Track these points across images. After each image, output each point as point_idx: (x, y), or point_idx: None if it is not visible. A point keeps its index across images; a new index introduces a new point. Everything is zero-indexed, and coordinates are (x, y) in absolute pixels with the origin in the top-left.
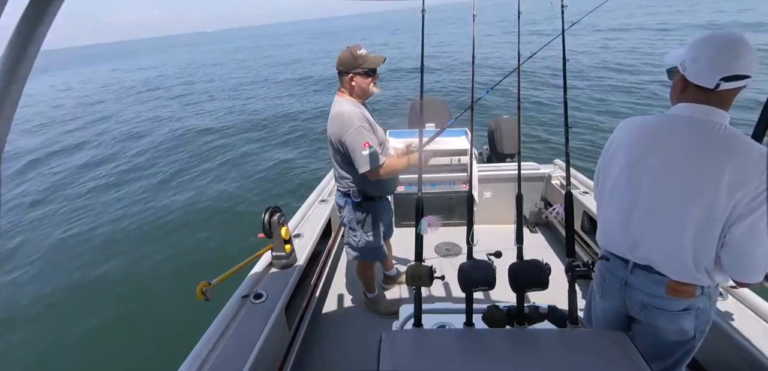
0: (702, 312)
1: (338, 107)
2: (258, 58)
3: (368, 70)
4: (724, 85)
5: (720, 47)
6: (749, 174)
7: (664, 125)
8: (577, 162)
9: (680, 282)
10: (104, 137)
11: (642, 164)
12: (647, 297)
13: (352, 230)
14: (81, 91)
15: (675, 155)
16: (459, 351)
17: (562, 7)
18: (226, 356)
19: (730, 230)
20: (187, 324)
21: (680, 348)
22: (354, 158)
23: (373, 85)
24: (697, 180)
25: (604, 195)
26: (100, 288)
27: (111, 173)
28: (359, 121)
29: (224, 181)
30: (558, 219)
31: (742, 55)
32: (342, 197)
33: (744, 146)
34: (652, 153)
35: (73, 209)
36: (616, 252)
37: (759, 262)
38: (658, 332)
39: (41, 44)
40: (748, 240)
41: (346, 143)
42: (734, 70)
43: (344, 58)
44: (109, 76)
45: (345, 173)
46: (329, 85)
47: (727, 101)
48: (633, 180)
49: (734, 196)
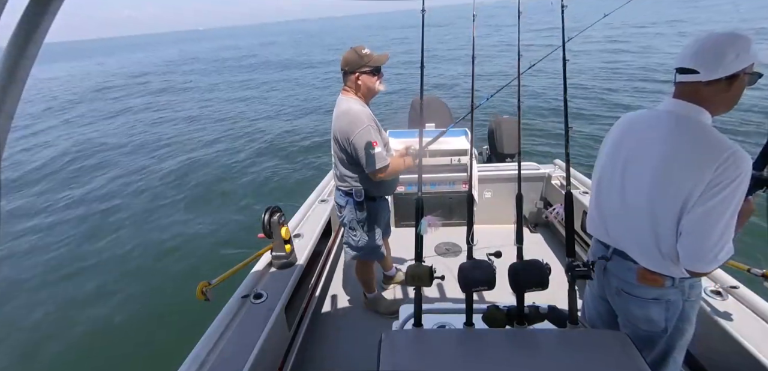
0: (672, 304)
1: (345, 105)
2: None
3: (374, 69)
4: (678, 77)
5: (691, 41)
6: (705, 165)
7: (647, 118)
8: (577, 162)
9: (648, 269)
10: (102, 134)
11: (620, 154)
12: (621, 283)
13: (352, 230)
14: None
15: (648, 146)
16: (459, 351)
17: (562, 6)
18: (226, 356)
19: (684, 220)
20: (187, 324)
21: (654, 342)
22: (361, 157)
23: (379, 82)
24: (666, 170)
25: (593, 184)
26: (99, 288)
27: (109, 171)
28: (368, 120)
29: (224, 180)
30: (558, 219)
31: (699, 50)
32: (343, 196)
33: (706, 139)
34: (629, 144)
35: (72, 208)
36: (599, 237)
37: (708, 251)
38: (631, 319)
39: (41, 44)
40: (699, 229)
41: (354, 141)
42: (685, 62)
43: (350, 58)
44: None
45: (348, 172)
46: (322, 86)
47: (703, 101)
48: (612, 169)
49: (693, 187)
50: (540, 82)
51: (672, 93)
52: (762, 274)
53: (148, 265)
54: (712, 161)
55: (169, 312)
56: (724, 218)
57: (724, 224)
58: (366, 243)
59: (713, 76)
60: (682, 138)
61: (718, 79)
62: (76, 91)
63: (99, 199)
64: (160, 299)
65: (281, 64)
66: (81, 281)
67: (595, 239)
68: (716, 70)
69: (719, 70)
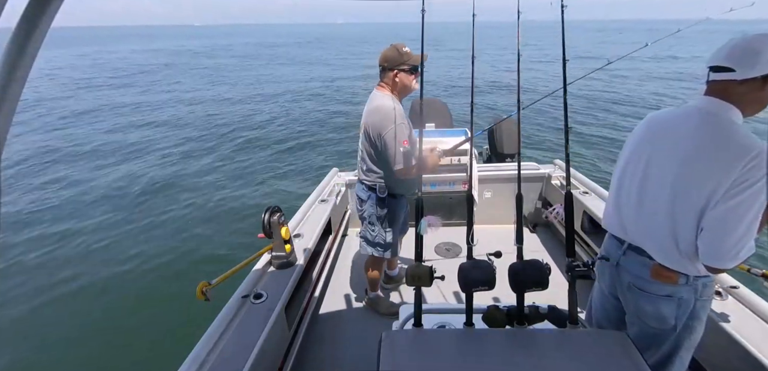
0: (684, 302)
1: (380, 100)
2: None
3: (412, 67)
4: (712, 75)
5: (728, 41)
6: (731, 162)
7: (674, 114)
8: (577, 162)
9: (664, 266)
10: (97, 131)
11: (644, 150)
12: (634, 278)
13: (371, 225)
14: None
15: (674, 141)
16: (459, 351)
17: (562, 6)
18: (225, 356)
19: (706, 216)
20: (187, 324)
21: (662, 339)
22: (391, 154)
23: (415, 81)
24: (690, 166)
25: (614, 180)
26: (99, 289)
27: (107, 170)
28: (400, 118)
29: (224, 181)
30: (558, 219)
31: (735, 49)
32: (365, 191)
33: (733, 137)
34: (654, 141)
35: (70, 206)
36: (614, 232)
37: (729, 249)
38: (641, 316)
39: (41, 44)
40: (722, 226)
41: (385, 137)
42: (720, 61)
43: (390, 55)
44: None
45: (375, 167)
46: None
47: (733, 98)
48: (635, 165)
49: (717, 184)
50: (540, 82)
51: (703, 91)
52: (762, 274)
53: (148, 265)
54: (739, 158)
55: (169, 311)
56: (747, 216)
57: (747, 222)
58: (383, 240)
59: (749, 74)
60: (709, 134)
61: (754, 78)
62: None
63: (95, 199)
64: (160, 299)
65: (278, 64)
66: (81, 281)
67: (610, 235)
68: (752, 68)
69: (756, 69)
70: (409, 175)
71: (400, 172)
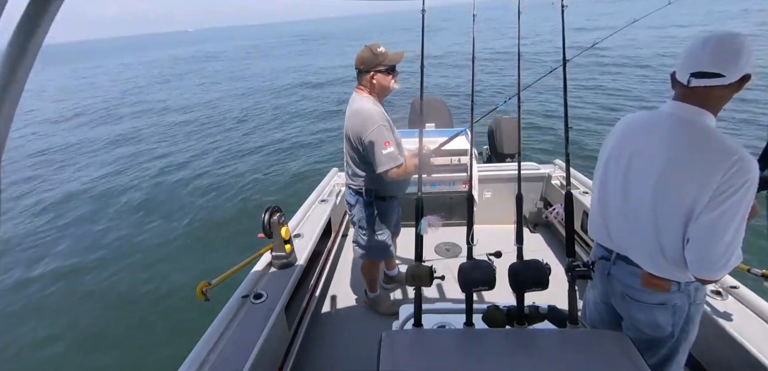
0: (679, 309)
1: (359, 103)
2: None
3: (389, 68)
4: (694, 81)
5: (700, 44)
6: (711, 171)
7: (647, 120)
8: (577, 162)
9: (653, 274)
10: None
11: (621, 157)
12: (625, 288)
13: (362, 229)
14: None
15: (651, 150)
16: (459, 351)
17: (562, 6)
18: (225, 356)
19: (691, 227)
20: (186, 324)
21: (659, 346)
22: (374, 156)
23: (394, 81)
24: (669, 175)
25: (595, 187)
26: (99, 289)
27: (106, 169)
28: (381, 120)
29: (224, 181)
30: (558, 219)
31: (718, 53)
32: (353, 195)
33: (712, 144)
34: (631, 147)
35: (69, 203)
36: (601, 242)
37: (718, 259)
38: (636, 324)
39: (41, 44)
40: (708, 236)
41: (366, 141)
42: (704, 67)
43: (365, 57)
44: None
45: (359, 171)
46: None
47: (711, 102)
48: (614, 172)
49: (701, 192)
50: (540, 82)
51: (673, 96)
52: (762, 274)
53: (148, 265)
54: (718, 167)
55: (169, 312)
56: (732, 224)
57: (733, 230)
58: (375, 243)
59: (736, 77)
60: (685, 142)
61: (737, 80)
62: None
63: (94, 200)
64: (160, 299)
65: (277, 65)
66: (80, 280)
67: (597, 243)
68: (740, 70)
69: (738, 71)
70: (395, 176)
71: (384, 174)
